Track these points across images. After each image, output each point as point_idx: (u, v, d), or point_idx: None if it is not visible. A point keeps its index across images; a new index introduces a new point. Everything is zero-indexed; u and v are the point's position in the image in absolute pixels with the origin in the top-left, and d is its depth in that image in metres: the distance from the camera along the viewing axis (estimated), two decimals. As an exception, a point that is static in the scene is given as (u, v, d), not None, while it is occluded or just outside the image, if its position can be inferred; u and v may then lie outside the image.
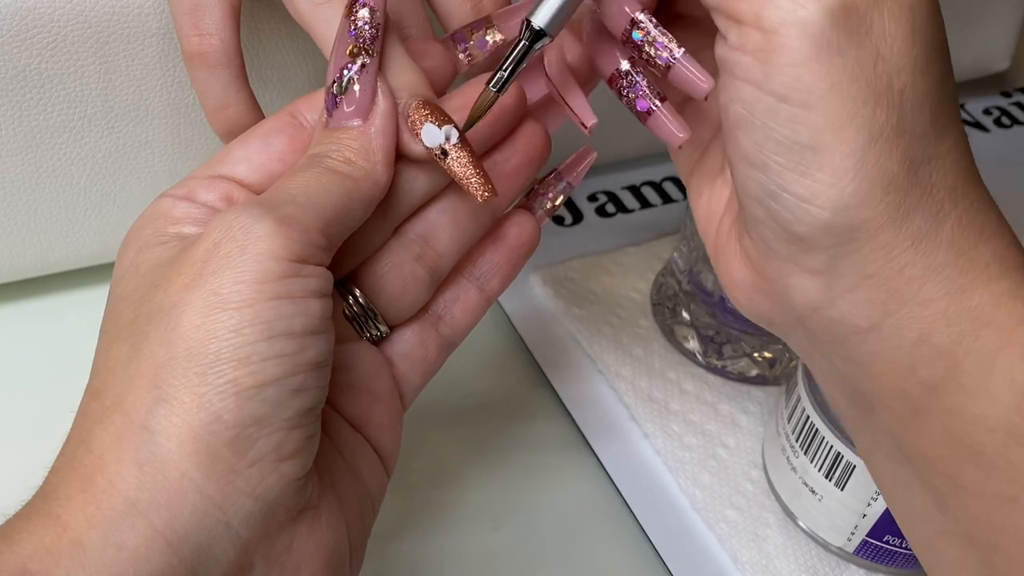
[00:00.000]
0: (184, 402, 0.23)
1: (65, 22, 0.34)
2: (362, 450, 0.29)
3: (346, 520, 0.27)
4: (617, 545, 0.37)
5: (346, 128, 0.28)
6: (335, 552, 0.26)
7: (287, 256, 0.24)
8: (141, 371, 0.23)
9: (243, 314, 0.23)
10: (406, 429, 0.40)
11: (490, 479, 0.38)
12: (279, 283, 0.24)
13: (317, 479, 0.26)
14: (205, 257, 0.24)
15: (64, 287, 0.42)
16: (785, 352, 0.42)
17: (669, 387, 0.42)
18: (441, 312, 0.32)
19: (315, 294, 0.25)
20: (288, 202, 0.25)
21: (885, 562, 0.36)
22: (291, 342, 0.24)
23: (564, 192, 0.33)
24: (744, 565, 0.36)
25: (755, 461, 0.40)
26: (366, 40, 0.28)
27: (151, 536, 0.22)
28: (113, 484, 0.22)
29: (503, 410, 0.41)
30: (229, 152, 0.29)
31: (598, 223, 0.51)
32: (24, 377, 0.32)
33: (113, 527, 0.22)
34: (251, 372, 0.23)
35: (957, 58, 0.66)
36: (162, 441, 0.22)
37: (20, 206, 0.39)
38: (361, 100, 0.28)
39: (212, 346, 0.23)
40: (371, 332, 0.30)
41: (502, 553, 0.36)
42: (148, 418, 0.23)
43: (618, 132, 0.51)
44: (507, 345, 0.44)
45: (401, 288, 0.30)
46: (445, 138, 0.28)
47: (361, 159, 0.27)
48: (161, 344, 0.23)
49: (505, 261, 0.32)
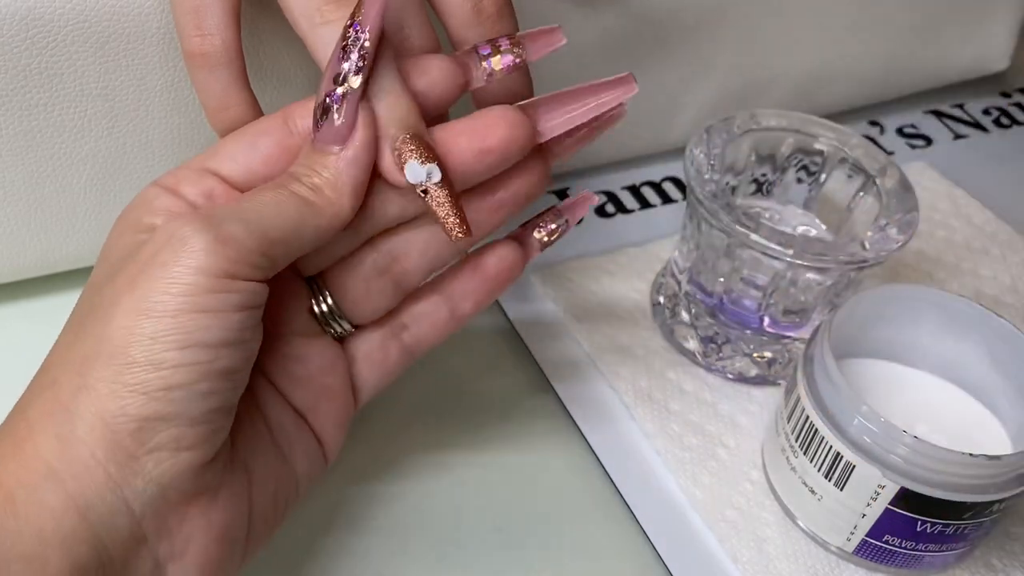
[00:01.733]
0: (100, 393, 0.26)
1: (65, 22, 0.34)
2: (301, 437, 0.32)
3: (251, 501, 0.29)
4: (616, 544, 0.37)
5: (323, 152, 0.29)
6: (229, 529, 0.28)
7: (215, 272, 0.26)
8: (73, 357, 0.26)
9: (163, 323, 0.26)
10: (406, 428, 0.40)
11: (489, 478, 0.39)
12: (203, 297, 0.26)
13: (222, 466, 0.28)
14: (145, 261, 0.26)
15: (64, 287, 0.42)
16: (784, 352, 0.42)
17: (669, 387, 0.42)
18: (408, 323, 0.34)
19: (239, 308, 0.27)
20: (236, 219, 0.27)
21: (885, 562, 0.36)
22: (204, 352, 0.26)
23: (562, 229, 0.34)
24: (743, 565, 0.36)
25: (755, 461, 0.40)
26: (352, 68, 0.28)
27: (65, 500, 0.25)
28: (38, 451, 0.26)
29: (502, 410, 0.41)
30: (222, 146, 0.30)
31: (598, 223, 0.51)
32: (24, 377, 0.31)
33: (37, 488, 0.25)
34: (160, 376, 0.25)
35: (957, 58, 0.66)
36: (78, 423, 0.26)
37: (20, 206, 0.39)
38: (339, 129, 0.29)
39: (131, 349, 0.26)
40: (334, 329, 0.32)
41: (501, 552, 0.36)
42: (70, 400, 0.26)
43: (617, 132, 0.51)
44: (507, 345, 0.44)
45: (365, 295, 0.32)
46: (427, 176, 0.29)
47: (328, 188, 0.29)
48: (93, 338, 0.26)
49: (480, 289, 0.34)
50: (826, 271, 0.38)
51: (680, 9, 0.47)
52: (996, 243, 0.51)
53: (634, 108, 0.50)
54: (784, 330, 0.41)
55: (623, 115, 0.33)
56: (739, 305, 0.41)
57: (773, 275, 0.39)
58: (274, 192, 0.28)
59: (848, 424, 0.34)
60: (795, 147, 0.43)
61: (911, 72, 0.58)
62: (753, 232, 0.37)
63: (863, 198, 0.42)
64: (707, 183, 0.39)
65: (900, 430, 0.33)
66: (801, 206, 0.45)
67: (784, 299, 0.40)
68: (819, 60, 0.53)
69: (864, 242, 0.38)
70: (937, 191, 0.54)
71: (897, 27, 0.55)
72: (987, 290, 0.48)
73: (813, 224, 0.44)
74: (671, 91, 0.50)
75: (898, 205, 0.40)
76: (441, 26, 0.34)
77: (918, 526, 0.34)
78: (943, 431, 0.36)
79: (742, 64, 0.51)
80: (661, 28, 0.47)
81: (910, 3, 0.54)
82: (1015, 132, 0.61)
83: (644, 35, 0.47)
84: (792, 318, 0.41)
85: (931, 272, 0.49)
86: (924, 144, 0.59)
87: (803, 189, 0.44)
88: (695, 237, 0.41)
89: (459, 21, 0.34)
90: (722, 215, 0.38)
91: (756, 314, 0.41)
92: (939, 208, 0.53)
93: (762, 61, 0.52)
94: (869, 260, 0.38)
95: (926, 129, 0.60)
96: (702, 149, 0.41)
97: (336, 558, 0.35)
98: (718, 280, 0.41)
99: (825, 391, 0.35)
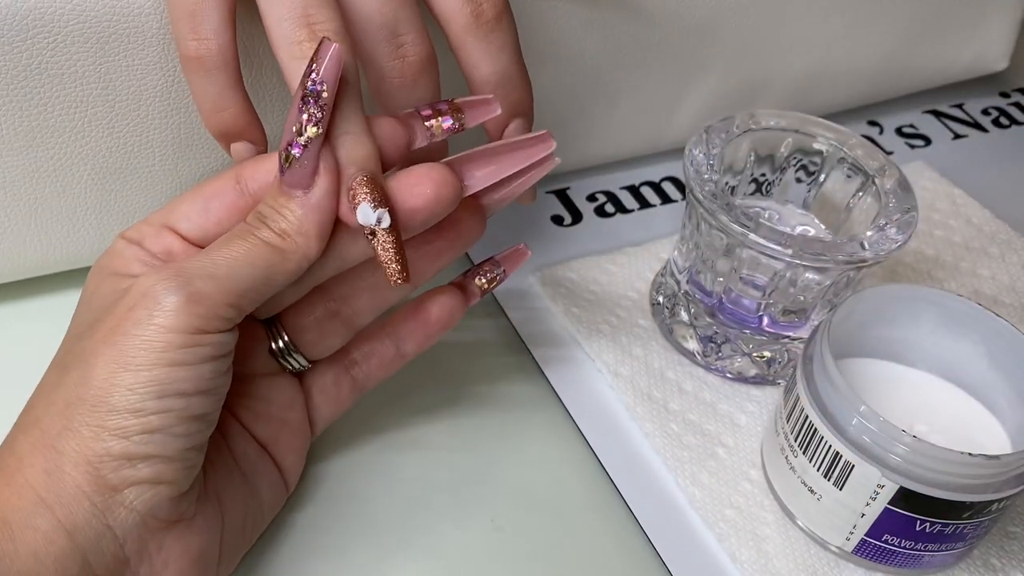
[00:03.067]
0: (84, 435, 0.28)
1: (65, 22, 0.34)
2: (264, 467, 0.34)
3: (223, 528, 0.32)
4: (616, 544, 0.37)
5: (289, 196, 0.30)
6: (203, 553, 0.31)
7: (187, 330, 0.28)
8: (57, 400, 0.28)
9: (140, 375, 0.28)
10: (405, 428, 0.40)
11: (488, 478, 0.39)
12: (177, 352, 0.28)
13: (197, 495, 0.30)
14: (122, 316, 0.28)
15: (64, 287, 0.42)
16: (784, 352, 0.42)
17: (668, 387, 0.42)
18: (358, 359, 0.37)
19: (210, 359, 0.29)
20: (206, 276, 0.29)
21: (884, 561, 0.36)
22: (179, 400, 0.28)
23: (499, 278, 0.37)
24: (743, 564, 0.36)
25: (754, 461, 0.40)
26: (311, 119, 0.29)
27: (55, 525, 0.27)
28: (28, 483, 0.28)
29: (501, 409, 0.41)
30: (177, 206, 0.32)
31: (597, 223, 0.51)
32: (24, 377, 0.32)
33: (29, 514, 0.27)
34: (139, 422, 0.28)
35: (956, 58, 0.66)
36: (64, 460, 0.28)
37: (21, 206, 0.39)
38: (302, 175, 0.30)
39: (112, 398, 0.28)
40: (291, 366, 0.35)
41: (500, 551, 0.36)
42: (56, 440, 0.28)
43: (617, 132, 0.51)
44: (506, 344, 0.44)
45: (319, 335, 0.35)
46: (376, 220, 0.30)
47: (295, 232, 0.30)
48: (76, 384, 0.28)
49: (420, 332, 0.36)
50: (825, 271, 0.38)
51: (680, 10, 0.47)
52: (995, 243, 0.51)
53: (634, 108, 0.50)
54: (783, 330, 0.42)
55: (553, 164, 0.35)
56: (738, 305, 0.41)
57: (772, 275, 0.39)
58: (243, 242, 0.30)
59: (847, 424, 0.34)
60: (794, 147, 0.43)
61: (910, 72, 0.58)
62: (752, 232, 0.38)
63: (862, 198, 0.42)
64: (706, 183, 0.39)
65: (899, 430, 0.33)
66: (800, 206, 0.45)
67: (783, 299, 0.40)
68: (818, 60, 0.53)
69: (863, 242, 0.38)
70: (936, 191, 0.54)
71: (896, 27, 0.55)
72: (986, 289, 0.48)
73: (812, 224, 0.44)
74: (670, 91, 0.50)
75: (897, 205, 0.40)
76: (442, 33, 0.35)
77: (917, 526, 0.34)
78: (942, 431, 0.37)
79: (741, 64, 0.51)
80: (661, 28, 0.47)
81: (909, 3, 0.54)
82: (1014, 132, 0.61)
83: (644, 35, 0.47)
84: (791, 318, 0.41)
85: (930, 272, 0.49)
86: (923, 144, 0.59)
87: (802, 189, 0.44)
88: (694, 237, 0.41)
89: (459, 27, 0.34)
90: (721, 215, 0.38)
91: (755, 314, 0.41)
92: (938, 208, 0.53)
93: (761, 61, 0.52)
94: (868, 260, 0.38)
95: (925, 129, 0.60)
96: (701, 149, 0.41)
97: (335, 554, 0.35)
98: (717, 280, 0.41)
99: (824, 391, 0.35)
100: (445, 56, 0.35)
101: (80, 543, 0.27)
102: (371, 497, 0.37)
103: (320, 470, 0.38)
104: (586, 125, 0.49)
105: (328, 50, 0.29)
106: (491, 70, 0.35)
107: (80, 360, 0.29)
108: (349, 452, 0.39)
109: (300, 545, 0.36)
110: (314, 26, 0.30)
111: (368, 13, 0.32)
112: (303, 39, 0.30)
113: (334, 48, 0.29)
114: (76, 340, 0.30)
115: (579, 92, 0.47)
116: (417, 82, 0.34)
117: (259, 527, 0.34)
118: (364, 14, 0.32)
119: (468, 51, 0.34)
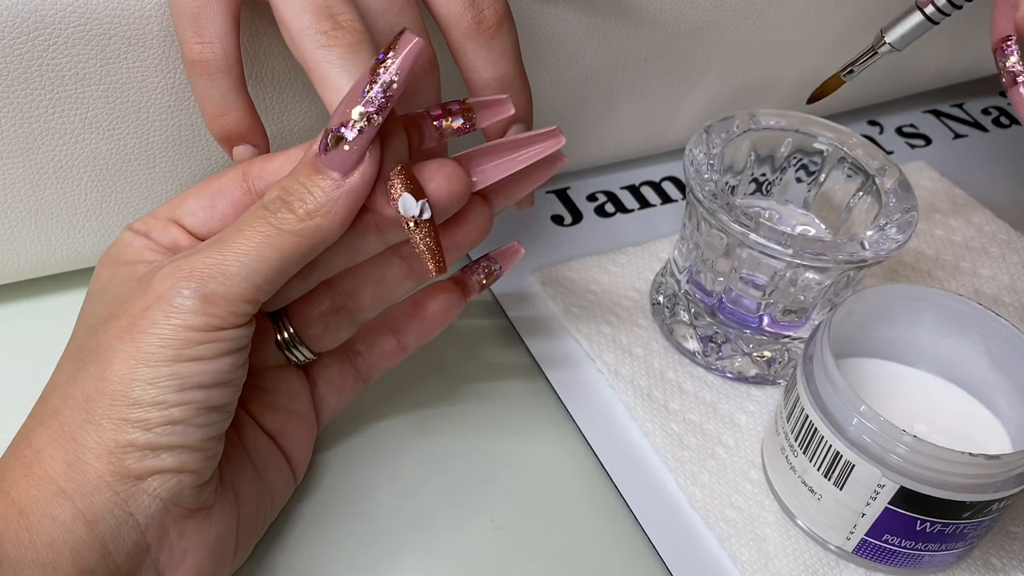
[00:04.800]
0: (105, 428, 0.28)
1: (66, 24, 0.34)
2: (274, 458, 0.35)
3: (238, 517, 0.32)
4: (616, 544, 0.37)
5: (325, 174, 0.30)
6: (221, 542, 0.31)
7: (204, 328, 0.28)
8: (76, 393, 0.29)
9: (160, 370, 0.28)
10: (404, 427, 0.40)
11: (489, 478, 0.39)
12: (195, 348, 0.28)
13: (216, 485, 0.31)
14: (139, 314, 0.29)
15: (64, 287, 0.43)
16: (784, 352, 0.42)
17: (668, 386, 0.42)
18: (362, 351, 0.37)
19: (228, 353, 0.29)
20: (220, 275, 0.29)
21: (884, 561, 0.36)
22: (199, 393, 0.29)
23: (496, 274, 0.38)
24: (743, 564, 0.36)
25: (754, 460, 0.40)
26: (375, 108, 0.29)
27: (75, 515, 0.27)
28: (48, 474, 0.28)
29: (501, 409, 0.41)
30: (183, 201, 0.32)
31: (597, 223, 0.51)
32: (24, 377, 0.32)
33: (48, 504, 0.27)
34: (161, 415, 0.28)
35: (957, 58, 0.66)
36: (86, 451, 0.28)
37: (21, 207, 0.39)
38: (347, 158, 0.29)
39: (133, 392, 0.28)
40: (297, 358, 0.36)
41: (500, 550, 0.36)
42: (77, 432, 0.28)
43: (617, 132, 0.51)
44: (506, 344, 0.44)
45: (324, 329, 0.35)
46: (419, 211, 0.30)
47: (321, 213, 0.30)
48: (94, 378, 0.28)
49: (420, 327, 0.37)
50: (825, 270, 0.38)
51: (680, 12, 0.47)
52: (995, 242, 0.51)
53: (634, 108, 0.50)
54: (783, 329, 0.42)
55: (561, 164, 0.35)
56: (738, 304, 0.41)
57: (772, 275, 0.39)
58: (258, 231, 0.29)
59: (847, 423, 0.34)
60: (794, 147, 0.43)
61: (911, 72, 0.58)
62: (752, 232, 0.38)
63: (862, 198, 0.42)
64: (706, 183, 0.39)
65: (899, 429, 0.33)
66: (800, 206, 0.45)
67: (783, 298, 0.40)
68: (818, 60, 0.53)
69: (863, 241, 0.38)
70: (936, 190, 0.54)
71: (896, 27, 0.55)
72: (986, 289, 0.48)
73: (812, 224, 0.44)
74: (671, 93, 0.50)
75: (897, 204, 0.40)
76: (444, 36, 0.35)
77: (917, 525, 0.34)
78: (942, 430, 0.37)
79: (741, 66, 0.51)
80: (661, 31, 0.47)
81: (910, 3, 0.54)
82: (1014, 132, 0.61)
83: (644, 38, 0.47)
84: (791, 317, 0.41)
85: (930, 271, 0.49)
86: (923, 143, 0.59)
87: (802, 189, 0.44)
88: (694, 236, 0.41)
89: (460, 32, 0.34)
90: (721, 215, 0.38)
91: (755, 314, 0.41)
92: (938, 207, 0.53)
93: (761, 63, 0.52)
94: (868, 260, 0.38)
95: (925, 129, 0.60)
96: (701, 149, 0.41)
97: (334, 550, 0.36)
98: (717, 280, 0.41)
99: (824, 390, 0.35)
100: (445, 56, 0.35)
101: (100, 532, 0.28)
102: (372, 497, 0.37)
103: (322, 461, 0.38)
104: (586, 127, 0.49)
105: (409, 42, 0.28)
106: (491, 75, 0.35)
107: (96, 355, 0.29)
108: (349, 452, 0.39)
109: (305, 535, 0.36)
110: (336, 17, 0.30)
111: (373, 16, 0.32)
112: (328, 28, 0.30)
113: (416, 41, 0.28)
114: (90, 333, 0.30)
115: (579, 94, 0.47)
116: (418, 84, 0.34)
117: (270, 517, 0.35)
118: (370, 16, 0.32)
119: (469, 56, 0.34)
